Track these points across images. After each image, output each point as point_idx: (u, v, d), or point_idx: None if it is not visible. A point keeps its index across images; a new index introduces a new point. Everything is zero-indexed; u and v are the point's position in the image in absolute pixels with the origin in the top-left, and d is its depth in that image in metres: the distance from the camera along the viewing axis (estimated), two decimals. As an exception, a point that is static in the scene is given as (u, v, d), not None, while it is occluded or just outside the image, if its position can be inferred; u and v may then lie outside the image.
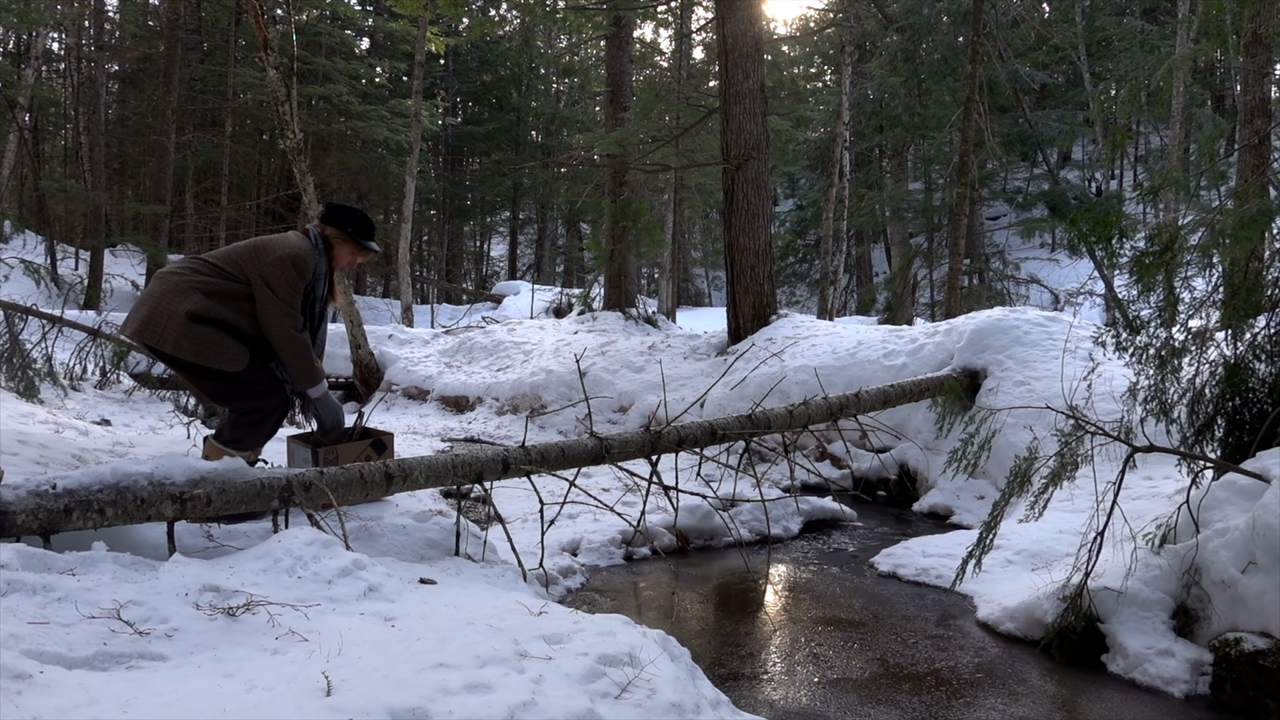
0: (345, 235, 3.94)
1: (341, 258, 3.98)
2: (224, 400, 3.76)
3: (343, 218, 3.95)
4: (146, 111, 22.46)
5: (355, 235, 3.96)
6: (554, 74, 30.49)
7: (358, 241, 3.97)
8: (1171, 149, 15.78)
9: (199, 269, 3.71)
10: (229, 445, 3.72)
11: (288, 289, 3.69)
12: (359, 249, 4.00)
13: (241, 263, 3.70)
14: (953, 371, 6.56)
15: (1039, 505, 3.89)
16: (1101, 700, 3.21)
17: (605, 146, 12.73)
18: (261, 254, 3.71)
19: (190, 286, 3.61)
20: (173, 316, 3.56)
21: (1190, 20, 12.39)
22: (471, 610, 2.71)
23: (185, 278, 3.65)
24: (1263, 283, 3.99)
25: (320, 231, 3.92)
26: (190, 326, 3.55)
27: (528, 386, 9.47)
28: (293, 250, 3.72)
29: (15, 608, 2.24)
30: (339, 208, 4.00)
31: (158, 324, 3.57)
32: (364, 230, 3.99)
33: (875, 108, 21.94)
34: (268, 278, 3.66)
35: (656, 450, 4.51)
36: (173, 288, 3.62)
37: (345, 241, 3.95)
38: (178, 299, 3.58)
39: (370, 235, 4.02)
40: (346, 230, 3.94)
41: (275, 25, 9.91)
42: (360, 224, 3.98)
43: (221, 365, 3.62)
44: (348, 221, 3.95)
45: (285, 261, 3.69)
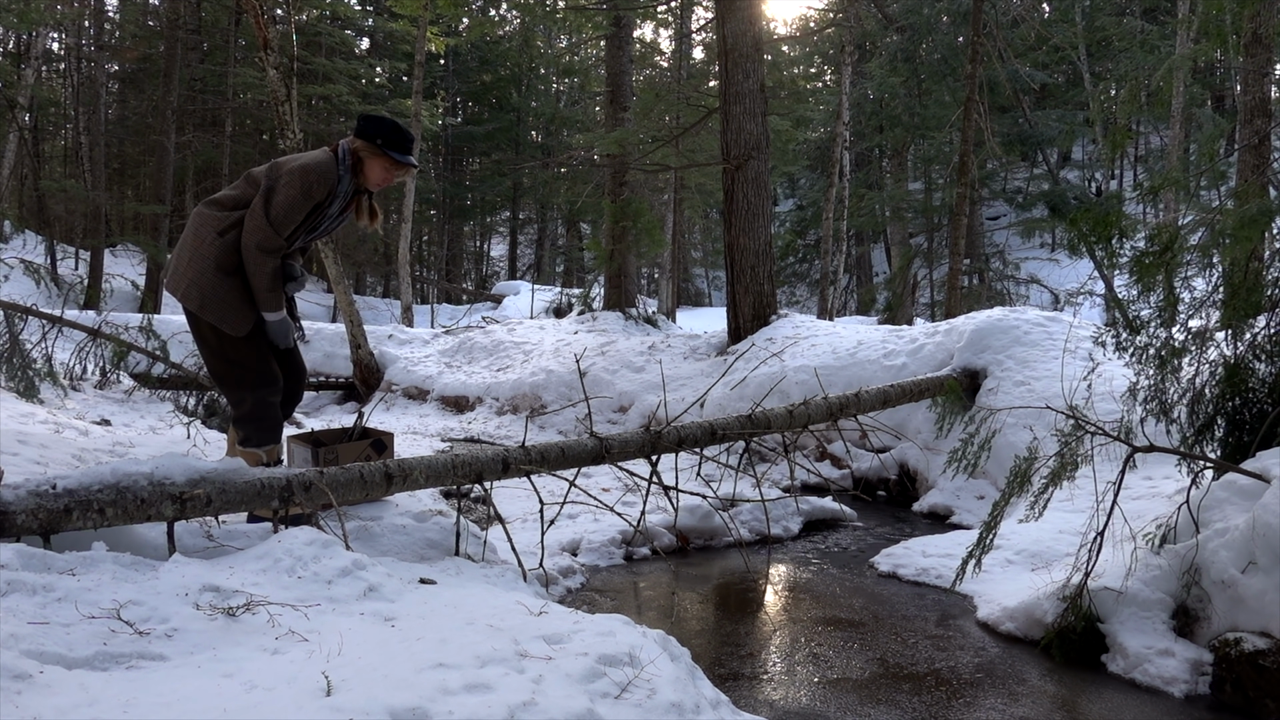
0: (375, 148, 3.56)
1: (373, 174, 3.62)
2: (214, 376, 3.68)
3: (372, 128, 3.57)
4: (146, 111, 22.47)
5: (386, 147, 3.56)
6: (554, 74, 30.51)
7: (390, 154, 3.58)
8: (1171, 149, 15.79)
9: (218, 200, 3.55)
10: (244, 445, 3.67)
11: (284, 205, 3.42)
12: (393, 164, 3.61)
13: (260, 180, 3.50)
14: (953, 371, 6.56)
15: (1039, 505, 3.89)
16: (1101, 700, 3.21)
17: (605, 146, 12.74)
18: (278, 166, 3.50)
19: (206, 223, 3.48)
20: (191, 262, 3.45)
21: (1190, 20, 12.39)
22: (471, 610, 2.71)
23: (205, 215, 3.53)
24: (1263, 283, 3.99)
25: (350, 146, 3.58)
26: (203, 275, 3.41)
27: (528, 386, 9.47)
28: (307, 162, 3.44)
29: (15, 608, 2.24)
30: (369, 117, 3.63)
31: (179, 271, 3.48)
32: (396, 141, 3.58)
33: (875, 108, 21.95)
34: (274, 186, 3.42)
35: (656, 450, 4.51)
36: (194, 229, 3.51)
37: (376, 155, 3.58)
38: (196, 242, 3.48)
39: (405, 148, 3.60)
40: (375, 142, 3.55)
41: (275, 25, 9.92)
42: (391, 133, 3.57)
43: (223, 326, 3.45)
44: (378, 132, 3.56)
45: (297, 172, 3.41)
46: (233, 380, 3.63)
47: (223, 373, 3.64)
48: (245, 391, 3.63)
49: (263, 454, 3.68)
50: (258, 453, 3.68)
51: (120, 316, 9.15)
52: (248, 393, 3.64)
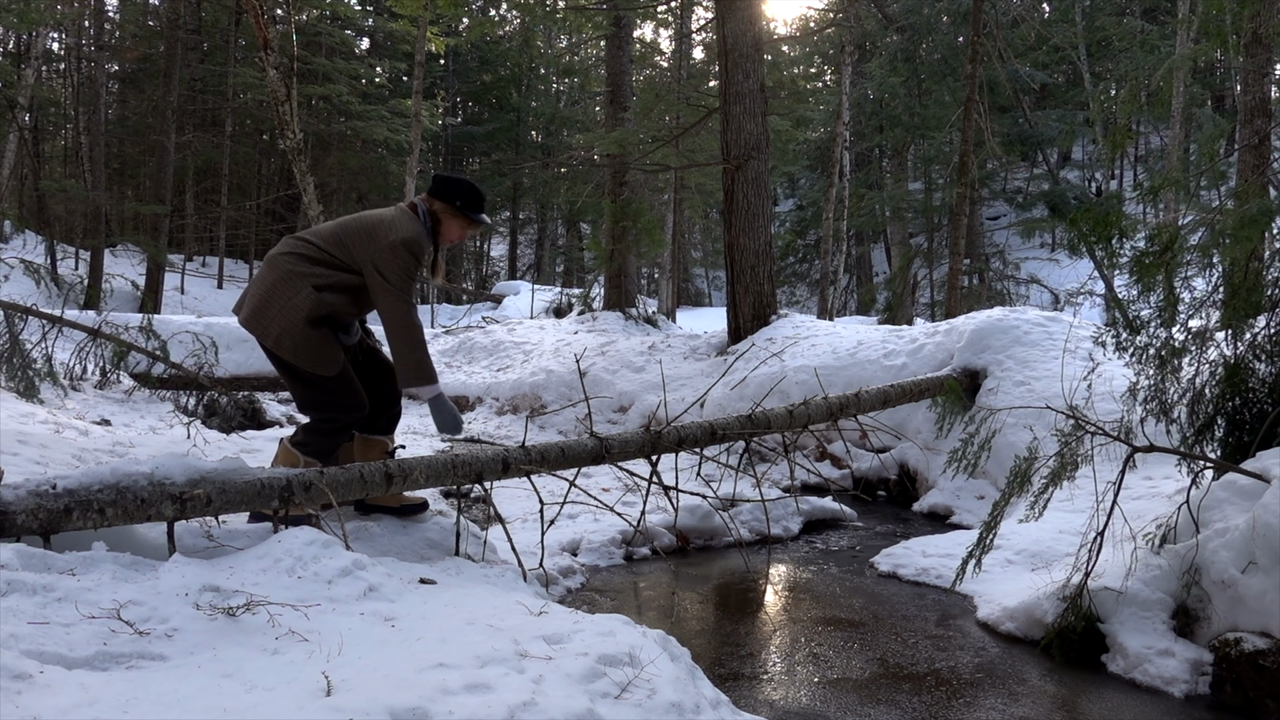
0: (454, 210, 3.68)
1: (450, 233, 3.73)
2: (304, 404, 3.69)
3: (450, 190, 3.67)
4: (146, 111, 22.48)
5: (465, 209, 3.68)
6: (554, 74, 30.51)
7: (467, 215, 3.70)
8: (1171, 149, 15.79)
9: (310, 256, 3.55)
10: (298, 448, 3.65)
11: (401, 276, 3.49)
12: (469, 223, 3.73)
13: (352, 246, 3.53)
14: (953, 371, 6.56)
15: (1039, 505, 3.89)
16: (1101, 700, 3.21)
17: (605, 146, 12.74)
18: (374, 237, 3.52)
19: (301, 278, 3.49)
20: (282, 311, 3.47)
21: (1190, 20, 12.39)
22: (471, 610, 2.71)
23: (297, 267, 3.53)
24: (1263, 283, 3.99)
25: (429, 207, 3.67)
26: (297, 327, 3.45)
27: (528, 386, 9.47)
28: (405, 234, 3.51)
29: (15, 608, 2.24)
30: (446, 179, 3.72)
31: (267, 316, 3.49)
32: (474, 203, 3.70)
33: (875, 108, 21.94)
34: (381, 265, 3.48)
35: (656, 450, 4.50)
36: (284, 277, 3.51)
37: (454, 216, 3.69)
38: (290, 292, 3.48)
39: (480, 207, 3.74)
40: (455, 204, 3.67)
41: (275, 25, 9.91)
42: (470, 196, 3.69)
43: (316, 370, 3.52)
44: (456, 194, 3.67)
45: (399, 247, 3.48)
46: (327, 405, 3.64)
47: (315, 400, 3.64)
48: (338, 412, 3.65)
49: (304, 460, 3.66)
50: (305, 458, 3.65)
51: (120, 316, 9.15)
52: (340, 414, 3.65)
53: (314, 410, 3.67)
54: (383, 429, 3.87)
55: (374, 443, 3.82)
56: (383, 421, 3.86)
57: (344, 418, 3.64)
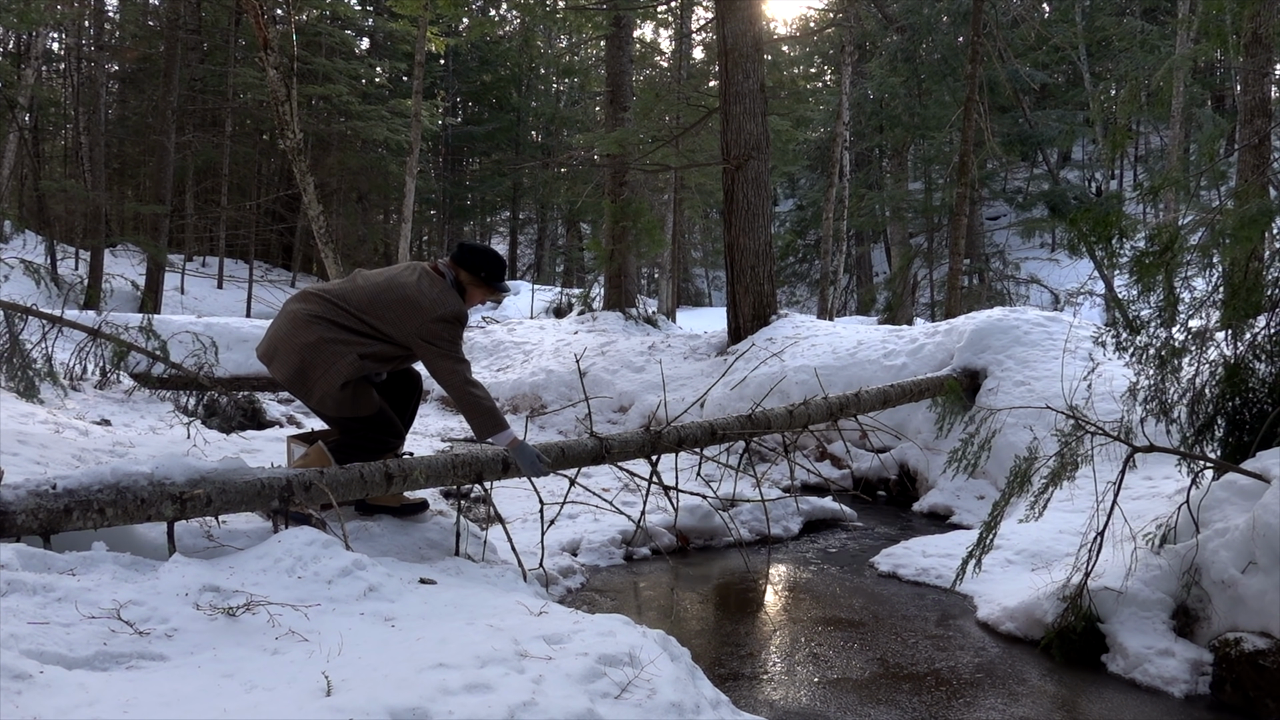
0: (479, 280, 3.84)
1: (473, 300, 3.88)
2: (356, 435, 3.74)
3: (478, 261, 3.84)
4: (146, 111, 22.47)
5: (489, 280, 3.85)
6: (554, 74, 30.49)
7: (491, 285, 3.88)
8: (1171, 149, 15.78)
9: (347, 326, 3.62)
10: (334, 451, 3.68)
11: (451, 342, 3.65)
12: (491, 292, 3.91)
13: (392, 320, 3.62)
14: (953, 371, 6.56)
15: (1039, 505, 3.89)
16: (1101, 700, 3.21)
17: (605, 146, 12.74)
18: (418, 313, 3.61)
19: (345, 345, 3.58)
20: (325, 376, 3.56)
21: (1190, 20, 12.39)
22: (471, 610, 2.71)
23: (337, 335, 3.59)
24: (1263, 283, 3.99)
25: (455, 276, 3.81)
26: (335, 387, 3.56)
27: (528, 386, 9.47)
28: (451, 310, 3.65)
29: (15, 608, 2.24)
30: (473, 250, 3.88)
31: (310, 379, 3.58)
32: (498, 274, 3.89)
33: (875, 108, 21.93)
34: (432, 338, 3.61)
35: (656, 450, 4.51)
36: (324, 342, 3.57)
37: (479, 285, 3.85)
38: (333, 357, 3.56)
39: (503, 277, 3.92)
40: (480, 275, 3.83)
41: (275, 25, 9.91)
42: (495, 268, 3.86)
43: (357, 414, 3.65)
44: (482, 266, 3.83)
45: (448, 324, 3.63)
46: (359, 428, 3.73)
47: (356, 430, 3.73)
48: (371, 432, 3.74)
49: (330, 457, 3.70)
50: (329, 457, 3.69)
51: (120, 316, 9.14)
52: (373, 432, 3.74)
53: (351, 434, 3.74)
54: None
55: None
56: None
57: (383, 439, 3.76)
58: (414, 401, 4.08)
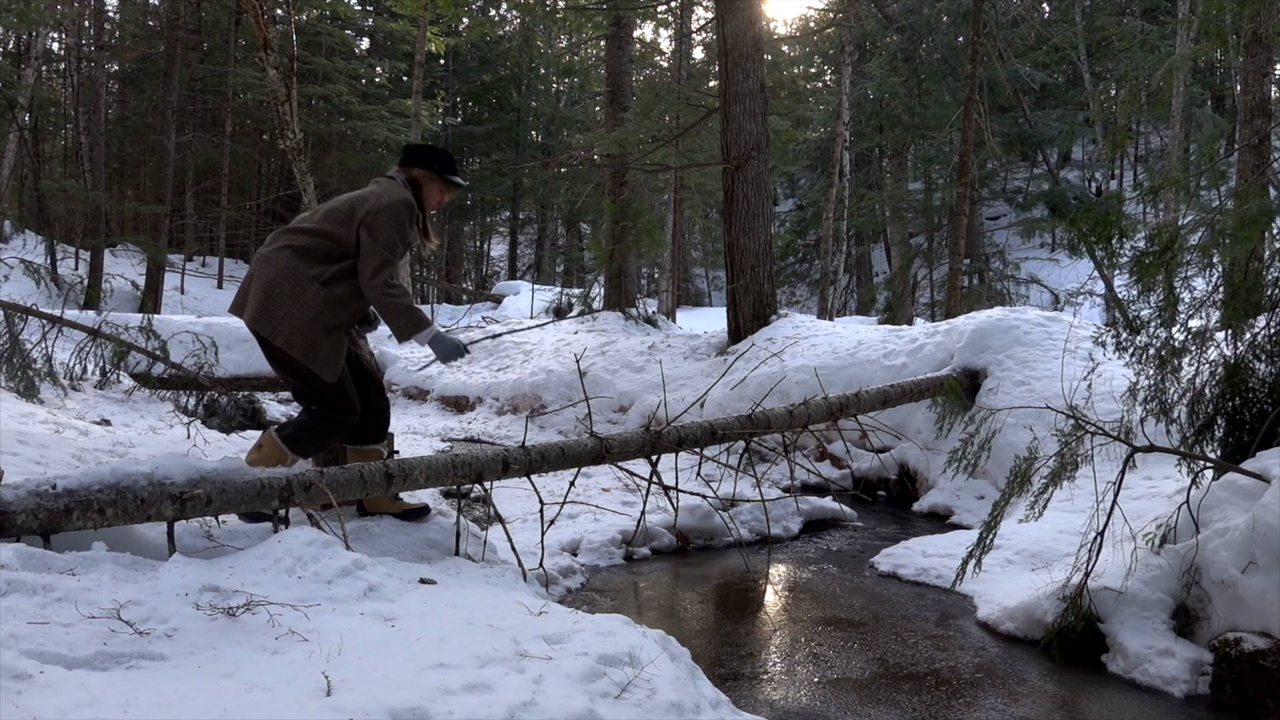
0: (433, 174, 3.78)
1: (431, 198, 3.83)
2: (302, 399, 3.69)
3: (428, 156, 3.79)
4: (146, 111, 22.47)
5: (442, 172, 3.79)
6: (554, 74, 30.49)
7: (445, 178, 3.81)
8: (1171, 149, 15.79)
9: (307, 248, 3.56)
10: (287, 443, 3.64)
11: (390, 236, 3.55)
12: (447, 186, 3.84)
13: (343, 221, 3.56)
14: (953, 371, 6.56)
15: (1039, 505, 3.89)
16: (1101, 700, 3.21)
17: (605, 146, 12.74)
18: (363, 205, 3.58)
19: (305, 277, 3.52)
20: (291, 310, 3.48)
21: (1190, 20, 12.39)
22: (471, 610, 2.71)
23: (297, 265, 3.53)
24: (1263, 283, 3.99)
25: (407, 176, 3.75)
26: (306, 324, 3.48)
27: (528, 386, 9.48)
28: (395, 198, 3.59)
29: (15, 608, 2.24)
30: (421, 147, 3.84)
31: (276, 315, 3.50)
32: (450, 165, 3.82)
33: (875, 108, 21.94)
34: (371, 226, 3.53)
35: (656, 450, 4.51)
36: (286, 274, 3.52)
37: (434, 181, 3.80)
38: (296, 290, 3.50)
39: (455, 170, 3.85)
40: (434, 168, 3.78)
41: (275, 25, 9.91)
42: (446, 159, 3.81)
43: (319, 371, 3.56)
44: (434, 159, 3.78)
45: (389, 209, 3.56)
46: (334, 406, 3.66)
47: (314, 397, 3.66)
48: (336, 414, 3.67)
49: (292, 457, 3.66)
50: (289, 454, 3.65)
51: (120, 316, 9.14)
52: (338, 415, 3.67)
53: (307, 403, 3.68)
54: (372, 438, 3.87)
55: (368, 452, 3.83)
56: (371, 430, 3.86)
57: (340, 419, 3.67)
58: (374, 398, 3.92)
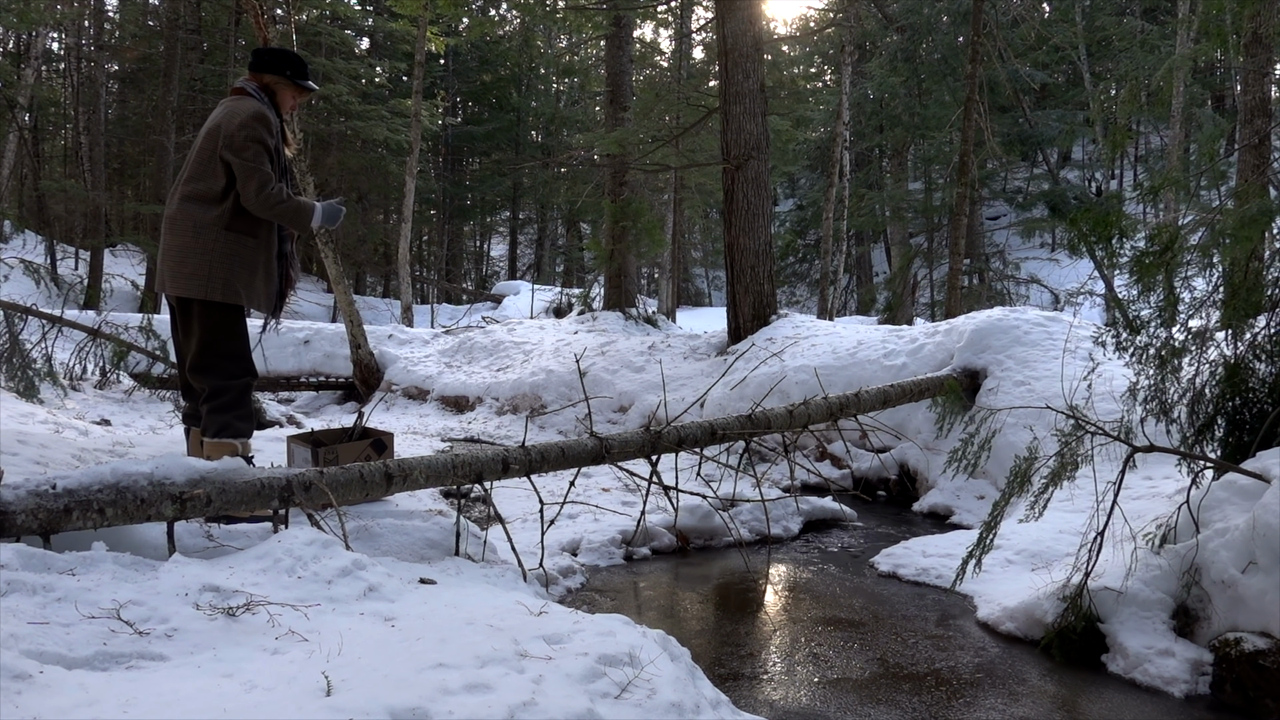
0: (286, 79, 3.89)
1: (285, 103, 3.93)
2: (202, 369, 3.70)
3: (279, 61, 3.89)
4: (146, 111, 22.47)
5: (294, 77, 3.91)
6: (554, 74, 30.49)
7: (297, 83, 3.92)
8: (1171, 149, 15.78)
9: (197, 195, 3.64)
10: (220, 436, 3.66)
11: (255, 150, 3.62)
12: (299, 90, 3.95)
13: (212, 151, 3.64)
14: (953, 371, 6.56)
15: (1039, 505, 3.89)
16: (1101, 700, 3.21)
17: (605, 146, 12.73)
18: (220, 132, 3.64)
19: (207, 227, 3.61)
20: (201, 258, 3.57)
21: (1190, 20, 12.39)
22: (471, 610, 2.71)
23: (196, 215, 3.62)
24: (1263, 283, 3.99)
25: (259, 84, 3.84)
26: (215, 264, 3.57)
27: (528, 386, 9.47)
28: (246, 113, 3.65)
29: (15, 608, 2.24)
30: (271, 51, 3.92)
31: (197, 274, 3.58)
32: (302, 69, 3.94)
33: (875, 108, 21.95)
34: (235, 146, 3.60)
35: (656, 450, 4.51)
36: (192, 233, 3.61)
37: (287, 85, 3.90)
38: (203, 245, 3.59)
39: (307, 74, 3.98)
40: (286, 73, 3.88)
41: (275, 25, 9.91)
42: (297, 64, 3.93)
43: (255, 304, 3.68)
44: (285, 64, 3.89)
45: (245, 124, 3.62)
46: (222, 371, 3.70)
47: (211, 364, 3.70)
48: (233, 380, 3.72)
49: (238, 445, 3.69)
50: (234, 444, 3.67)
51: (120, 316, 9.15)
52: (235, 381, 3.72)
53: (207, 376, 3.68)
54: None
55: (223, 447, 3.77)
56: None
57: (236, 385, 3.71)
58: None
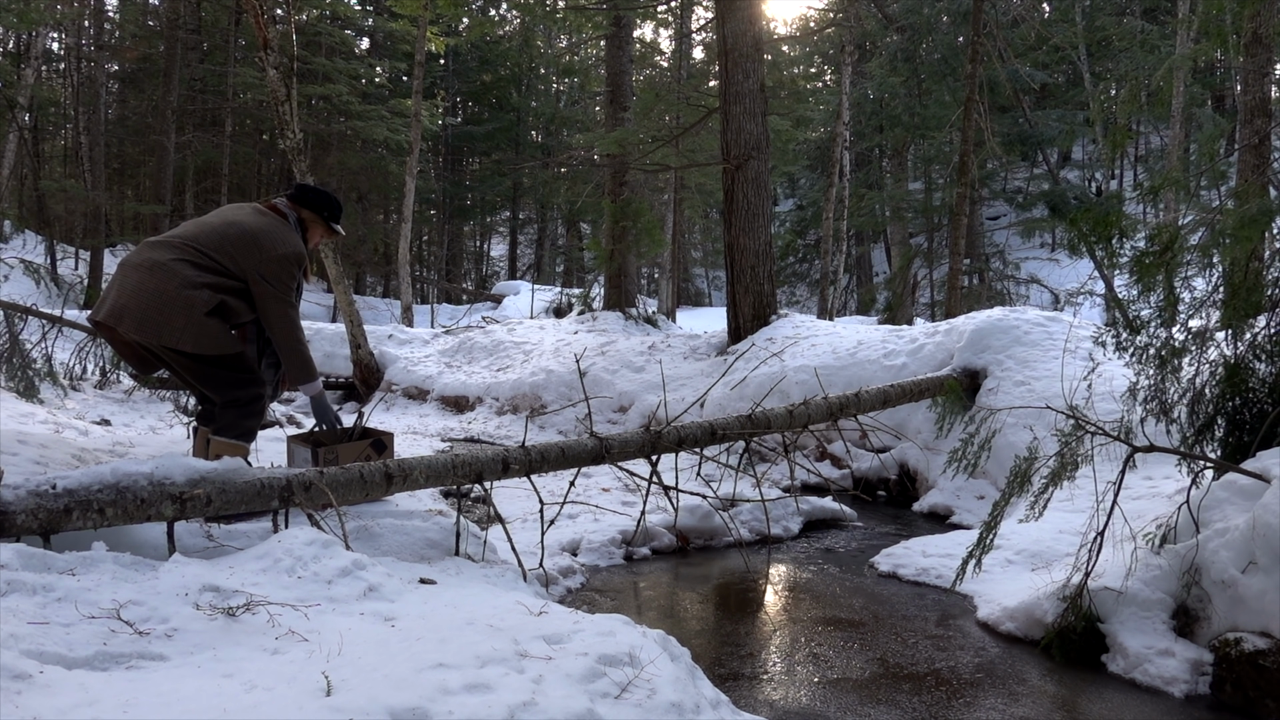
0: (322, 219, 4.12)
1: (313, 238, 4.14)
2: (223, 386, 3.73)
3: (320, 202, 4.11)
4: (146, 111, 22.47)
5: (329, 220, 4.14)
6: (554, 74, 30.50)
7: (330, 226, 4.16)
8: (1171, 149, 15.78)
9: (201, 264, 3.65)
10: (242, 439, 3.73)
11: (286, 284, 3.79)
12: (329, 232, 4.18)
13: (237, 256, 3.70)
14: (953, 371, 6.56)
15: (1039, 505, 3.89)
16: (1101, 700, 3.21)
17: (605, 146, 12.73)
18: (259, 248, 3.72)
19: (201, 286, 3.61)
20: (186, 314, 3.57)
21: (1190, 20, 12.39)
22: (471, 610, 2.71)
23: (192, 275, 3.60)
24: (1263, 283, 3.99)
25: (298, 216, 4.04)
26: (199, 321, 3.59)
27: (528, 386, 9.47)
28: (291, 249, 3.82)
29: (15, 608, 2.24)
30: (313, 191, 4.14)
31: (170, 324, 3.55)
32: (338, 214, 4.18)
33: (875, 108, 21.94)
34: (267, 274, 3.73)
35: (656, 450, 4.50)
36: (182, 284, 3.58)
37: (320, 225, 4.13)
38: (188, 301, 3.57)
39: (340, 219, 4.21)
40: (323, 215, 4.12)
41: (275, 25, 9.90)
42: (336, 209, 4.17)
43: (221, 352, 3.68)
44: (324, 207, 4.12)
45: (287, 261, 3.78)
46: (235, 382, 3.75)
47: (225, 380, 3.74)
48: (247, 389, 3.78)
49: (247, 448, 3.77)
50: (245, 447, 3.75)
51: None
52: (250, 389, 3.78)
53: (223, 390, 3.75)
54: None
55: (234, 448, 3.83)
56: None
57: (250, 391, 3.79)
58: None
